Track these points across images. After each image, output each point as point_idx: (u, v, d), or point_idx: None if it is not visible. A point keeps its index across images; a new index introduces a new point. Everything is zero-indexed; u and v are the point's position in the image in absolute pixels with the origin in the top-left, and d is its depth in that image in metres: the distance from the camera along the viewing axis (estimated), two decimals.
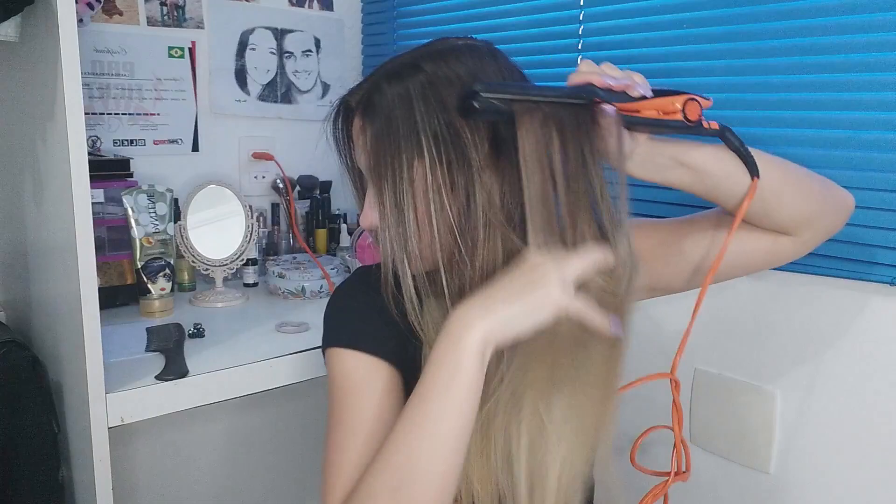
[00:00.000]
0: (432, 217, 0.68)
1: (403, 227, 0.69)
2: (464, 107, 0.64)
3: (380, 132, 0.70)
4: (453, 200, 0.68)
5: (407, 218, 0.69)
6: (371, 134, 0.71)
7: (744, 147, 0.72)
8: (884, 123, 0.92)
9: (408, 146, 0.68)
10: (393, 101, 0.69)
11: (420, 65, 0.70)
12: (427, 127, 0.67)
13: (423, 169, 0.67)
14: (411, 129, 0.68)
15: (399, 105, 0.69)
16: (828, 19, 0.97)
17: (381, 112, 0.70)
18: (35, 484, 1.05)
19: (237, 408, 1.10)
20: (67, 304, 0.92)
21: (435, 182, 0.67)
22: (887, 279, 0.93)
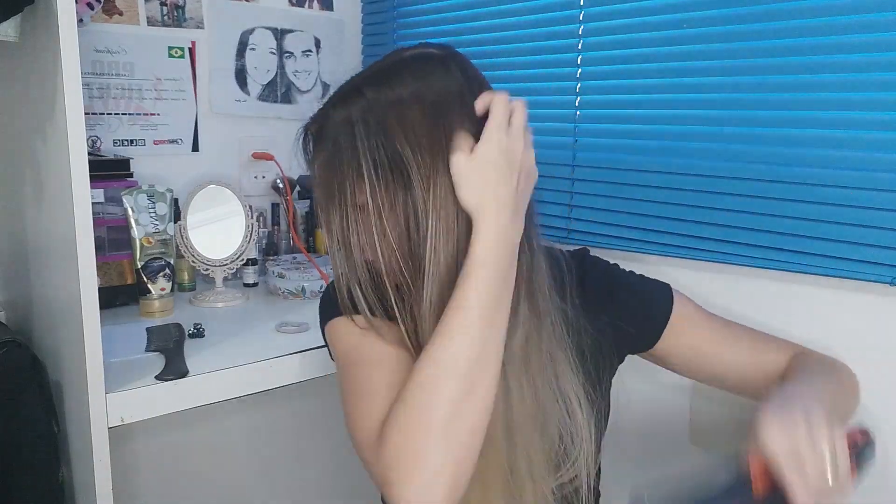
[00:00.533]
0: (375, 241, 0.70)
1: (349, 251, 0.72)
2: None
3: (327, 159, 0.72)
4: (394, 224, 0.69)
5: (351, 242, 0.72)
6: (319, 162, 0.74)
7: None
8: (884, 123, 0.92)
9: (349, 171, 0.70)
10: (336, 128, 0.72)
11: (362, 90, 0.72)
12: (367, 152, 0.69)
13: (363, 194, 0.69)
14: (353, 154, 0.69)
15: (342, 132, 0.71)
16: (828, 19, 0.97)
17: (328, 139, 0.73)
18: (35, 484, 1.05)
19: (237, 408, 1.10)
20: (67, 304, 0.92)
21: (375, 206, 0.69)
22: (887, 279, 0.93)
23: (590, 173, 1.25)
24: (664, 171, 1.15)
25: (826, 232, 0.98)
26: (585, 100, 1.27)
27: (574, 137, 1.28)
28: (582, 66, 1.27)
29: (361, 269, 0.73)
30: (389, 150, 0.68)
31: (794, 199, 1.01)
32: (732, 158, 1.07)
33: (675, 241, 1.15)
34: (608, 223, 1.24)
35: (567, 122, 1.29)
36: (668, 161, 1.15)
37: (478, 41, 1.48)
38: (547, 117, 1.32)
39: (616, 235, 1.22)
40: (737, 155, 1.07)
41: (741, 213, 1.07)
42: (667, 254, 1.16)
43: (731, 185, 1.08)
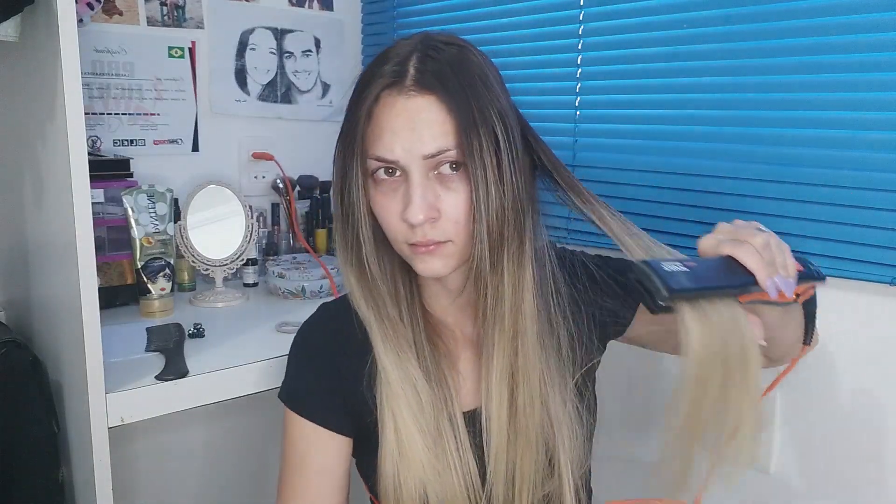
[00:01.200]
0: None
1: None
2: (654, 304, 0.61)
3: (465, 103, 0.68)
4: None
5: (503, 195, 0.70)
6: (450, 107, 0.68)
7: (815, 317, 0.70)
8: (884, 123, 0.93)
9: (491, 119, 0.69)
10: (469, 66, 0.71)
11: (460, 44, 0.75)
12: (499, 105, 0.71)
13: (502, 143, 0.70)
14: (491, 103, 0.70)
15: (477, 71, 0.72)
16: (828, 19, 0.97)
17: (455, 79, 0.69)
18: (35, 484, 1.05)
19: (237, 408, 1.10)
20: (67, 304, 0.92)
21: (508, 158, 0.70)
22: (887, 279, 0.93)
23: (590, 173, 1.25)
24: (664, 171, 1.15)
25: (826, 232, 0.98)
26: (585, 100, 1.27)
27: (574, 137, 1.28)
28: (582, 66, 1.27)
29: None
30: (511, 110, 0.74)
31: (794, 199, 1.01)
32: (732, 158, 1.07)
33: (674, 241, 1.15)
34: None
35: (567, 122, 1.29)
36: (668, 161, 1.15)
37: (478, 41, 1.47)
38: (547, 117, 1.32)
39: None
40: (736, 155, 1.07)
41: (741, 212, 1.07)
42: None
43: (730, 185, 1.08)
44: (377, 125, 0.70)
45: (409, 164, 0.69)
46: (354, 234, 0.75)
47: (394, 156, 0.69)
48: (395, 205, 0.71)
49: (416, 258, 0.72)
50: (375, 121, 0.70)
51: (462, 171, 0.69)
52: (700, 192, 1.11)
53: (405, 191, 0.70)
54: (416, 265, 0.73)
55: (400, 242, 0.73)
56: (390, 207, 0.71)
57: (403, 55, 0.70)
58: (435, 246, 0.70)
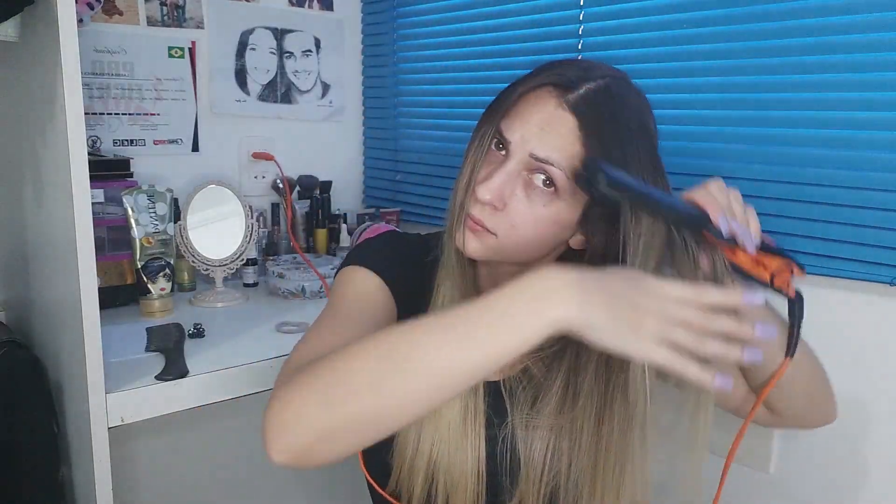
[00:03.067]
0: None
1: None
2: (582, 177, 0.63)
3: (603, 147, 0.69)
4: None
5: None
6: (587, 140, 0.69)
7: (800, 324, 0.69)
8: (883, 123, 0.93)
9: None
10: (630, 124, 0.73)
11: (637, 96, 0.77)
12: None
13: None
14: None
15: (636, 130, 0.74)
16: (827, 19, 0.97)
17: (609, 125, 0.71)
18: (35, 483, 1.05)
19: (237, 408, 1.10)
20: (67, 304, 0.92)
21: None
22: (887, 279, 0.93)
23: None
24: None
25: (826, 232, 0.98)
26: None
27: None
28: None
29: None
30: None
31: (794, 199, 1.01)
32: (732, 158, 1.07)
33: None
34: None
35: None
36: (668, 161, 1.14)
37: (478, 41, 1.48)
38: None
39: None
40: (736, 155, 1.07)
41: None
42: None
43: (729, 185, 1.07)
44: (521, 107, 0.72)
45: (514, 152, 0.71)
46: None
47: (510, 136, 0.71)
48: (483, 175, 0.72)
49: (461, 226, 0.74)
50: (523, 104, 0.72)
51: (551, 193, 0.70)
52: None
53: (495, 169, 0.72)
54: (457, 232, 0.74)
55: (458, 205, 0.74)
56: (475, 172, 0.73)
57: (590, 73, 0.72)
58: (482, 230, 0.72)
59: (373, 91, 1.81)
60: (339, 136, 1.81)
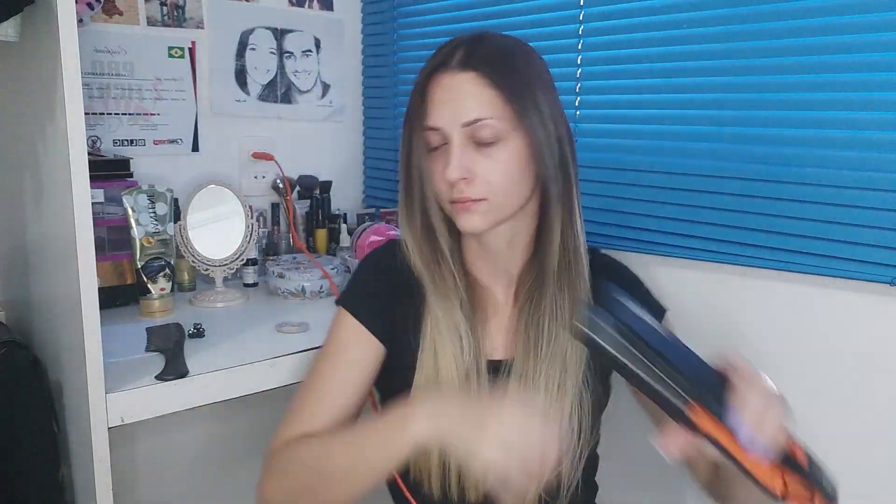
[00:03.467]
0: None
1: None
2: (575, 327, 0.61)
3: (510, 79, 0.80)
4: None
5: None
6: (494, 81, 0.79)
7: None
8: (883, 123, 0.93)
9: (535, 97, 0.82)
10: (516, 54, 0.83)
11: (516, 39, 0.86)
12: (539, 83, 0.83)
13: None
14: (535, 80, 0.83)
15: (520, 57, 0.84)
16: (827, 19, 0.97)
17: (502, 61, 0.81)
18: (35, 483, 1.05)
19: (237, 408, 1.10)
20: (67, 304, 0.92)
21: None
22: (887, 279, 0.93)
23: (590, 173, 1.25)
24: (664, 171, 1.15)
25: (826, 232, 0.98)
26: (585, 100, 1.27)
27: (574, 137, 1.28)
28: (582, 66, 1.27)
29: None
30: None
31: (794, 199, 1.01)
32: (732, 158, 1.07)
33: (673, 240, 1.15)
34: (608, 223, 1.24)
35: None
36: (668, 161, 1.15)
37: None
38: None
39: (616, 235, 1.23)
40: (736, 155, 1.07)
41: (740, 213, 1.07)
42: (666, 253, 1.16)
43: (730, 185, 1.08)
44: (428, 100, 0.83)
45: (450, 131, 0.81)
46: (414, 197, 0.87)
47: (437, 123, 0.81)
48: (440, 168, 0.82)
49: (457, 214, 0.83)
50: (427, 97, 0.83)
51: (497, 143, 0.80)
52: (700, 192, 1.11)
53: (447, 155, 0.81)
54: (458, 221, 0.84)
55: (445, 202, 0.84)
56: (436, 170, 0.83)
57: (455, 43, 0.82)
58: (472, 203, 0.81)
59: (373, 91, 1.81)
60: (339, 136, 1.81)
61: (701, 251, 1.12)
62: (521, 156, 0.81)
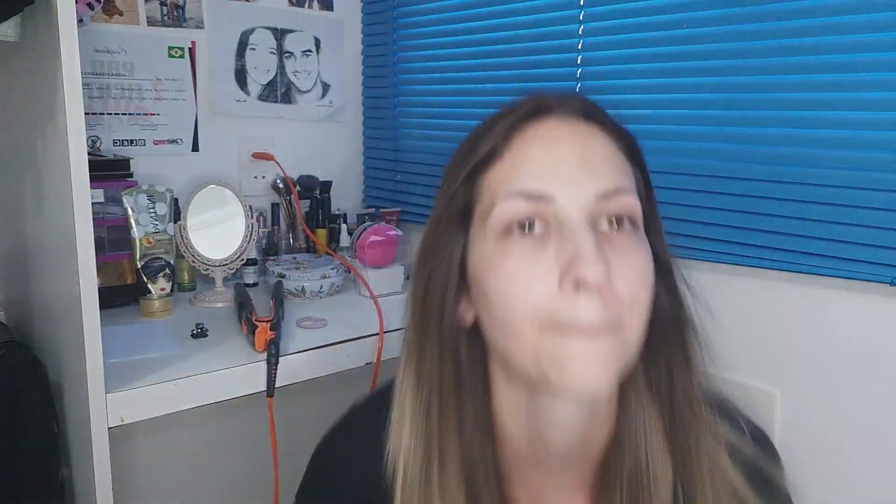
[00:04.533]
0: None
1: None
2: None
3: (638, 153, 0.57)
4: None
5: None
6: (624, 148, 0.55)
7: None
8: (883, 123, 0.93)
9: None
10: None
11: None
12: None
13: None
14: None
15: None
16: (827, 19, 0.97)
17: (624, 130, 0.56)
18: (35, 484, 1.05)
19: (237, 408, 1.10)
20: (67, 304, 0.92)
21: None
22: (887, 279, 0.93)
23: None
24: (663, 171, 1.15)
25: (826, 232, 0.98)
26: None
27: None
28: (582, 66, 1.27)
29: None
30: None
31: (794, 199, 1.01)
32: (732, 158, 1.07)
33: (673, 240, 1.15)
34: None
35: None
36: (668, 161, 1.15)
37: (478, 41, 1.48)
38: None
39: None
40: (736, 155, 1.07)
41: (740, 212, 1.07)
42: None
43: (730, 185, 1.08)
44: (515, 160, 0.50)
45: (568, 207, 0.48)
46: (436, 317, 0.52)
47: (545, 188, 0.48)
48: (536, 267, 0.47)
49: (566, 355, 0.47)
50: (510, 156, 0.50)
51: (640, 235, 0.52)
52: (699, 192, 1.11)
53: (559, 248, 0.47)
54: (562, 369, 0.47)
55: (533, 329, 0.47)
56: (528, 271, 0.48)
57: (565, 94, 0.54)
58: (607, 334, 0.47)
59: (373, 91, 1.81)
60: (339, 136, 1.81)
61: (699, 251, 1.12)
62: (650, 266, 0.51)
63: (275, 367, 1.03)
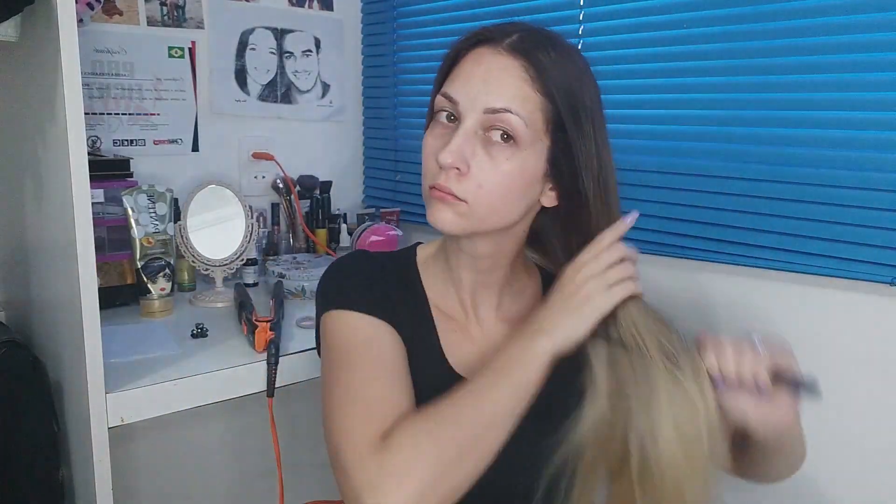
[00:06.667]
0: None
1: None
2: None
3: (557, 86, 0.70)
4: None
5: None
6: (536, 79, 0.69)
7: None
8: (883, 123, 0.93)
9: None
10: (567, 66, 0.71)
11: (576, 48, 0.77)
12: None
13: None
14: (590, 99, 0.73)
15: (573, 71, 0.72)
16: (827, 19, 0.97)
17: (559, 67, 0.70)
18: (35, 484, 1.05)
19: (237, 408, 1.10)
20: (67, 304, 0.92)
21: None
22: (887, 279, 0.93)
23: None
24: (663, 171, 1.15)
25: (826, 232, 0.98)
26: None
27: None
28: None
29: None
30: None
31: (794, 199, 1.01)
32: (732, 158, 1.07)
33: (672, 240, 1.15)
34: None
35: None
36: (667, 161, 1.15)
37: None
38: None
39: None
40: (736, 155, 1.07)
41: (740, 212, 1.07)
42: (665, 253, 1.16)
43: (730, 185, 1.08)
44: (459, 69, 0.72)
45: (466, 111, 0.70)
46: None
47: (456, 95, 0.70)
48: (437, 144, 0.71)
49: (431, 202, 0.72)
50: (460, 65, 0.72)
51: (511, 146, 0.69)
52: (699, 192, 1.11)
53: (449, 134, 0.71)
54: (429, 210, 0.73)
55: (426, 185, 0.73)
56: (432, 147, 0.72)
57: (514, 26, 0.73)
58: (452, 198, 0.70)
59: (373, 91, 1.81)
60: (339, 136, 1.81)
61: (698, 251, 1.12)
62: (530, 173, 0.71)
63: (275, 367, 1.03)
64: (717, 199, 1.09)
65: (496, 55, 0.70)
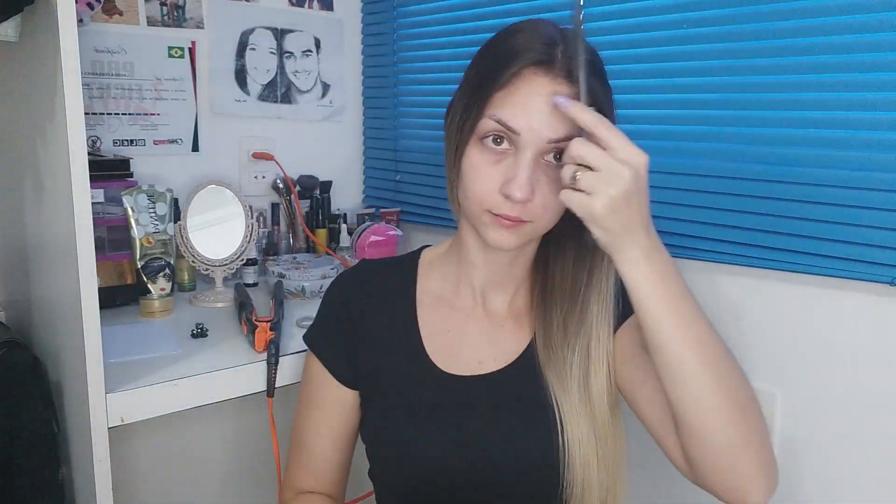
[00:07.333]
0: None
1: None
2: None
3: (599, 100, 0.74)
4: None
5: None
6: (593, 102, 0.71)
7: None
8: (883, 123, 0.92)
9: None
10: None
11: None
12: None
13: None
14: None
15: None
16: (827, 19, 0.96)
17: (603, 87, 0.77)
18: (35, 483, 1.05)
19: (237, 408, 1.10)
20: (67, 304, 0.92)
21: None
22: (887, 279, 0.93)
23: None
24: (663, 172, 1.15)
25: (826, 232, 0.98)
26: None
27: None
28: None
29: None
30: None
31: (794, 199, 1.01)
32: (732, 158, 1.07)
33: (672, 240, 1.15)
34: None
35: None
36: (667, 161, 1.15)
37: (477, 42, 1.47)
38: None
39: None
40: (736, 155, 1.07)
41: (740, 213, 1.07)
42: None
43: (730, 185, 1.08)
44: (512, 93, 0.72)
45: (527, 143, 0.71)
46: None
47: (517, 127, 0.71)
48: (494, 174, 0.73)
49: (491, 228, 0.75)
50: (512, 88, 0.72)
51: (559, 164, 0.72)
52: (699, 192, 1.11)
53: (510, 165, 0.72)
54: (487, 233, 0.75)
55: (481, 209, 0.75)
56: (488, 175, 0.73)
57: (557, 43, 0.73)
58: (518, 224, 0.74)
59: (373, 91, 1.81)
60: (339, 136, 1.81)
61: (698, 251, 1.12)
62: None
63: (275, 367, 1.03)
64: (716, 200, 1.09)
65: (554, 83, 0.71)
